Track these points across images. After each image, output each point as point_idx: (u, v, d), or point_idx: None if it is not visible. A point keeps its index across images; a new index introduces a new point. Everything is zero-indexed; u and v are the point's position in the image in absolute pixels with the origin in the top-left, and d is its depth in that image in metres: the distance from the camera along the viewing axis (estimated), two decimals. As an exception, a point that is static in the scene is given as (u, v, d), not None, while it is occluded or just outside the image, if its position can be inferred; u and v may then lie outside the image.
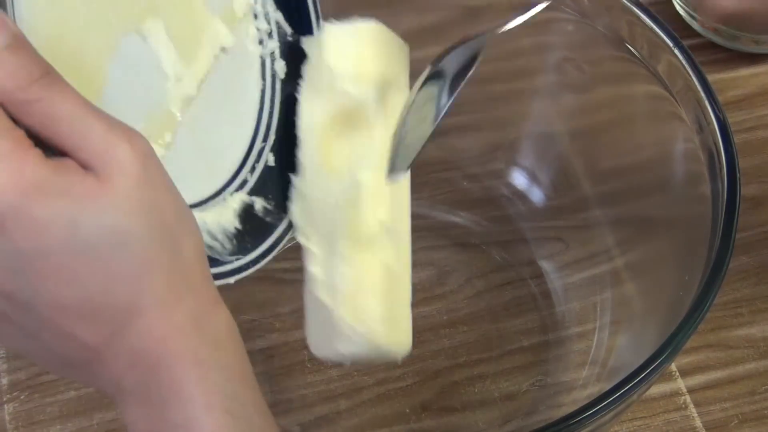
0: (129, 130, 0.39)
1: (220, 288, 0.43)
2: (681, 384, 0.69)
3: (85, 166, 0.38)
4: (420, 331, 0.65)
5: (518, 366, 0.67)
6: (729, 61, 0.84)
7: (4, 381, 0.69)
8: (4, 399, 0.69)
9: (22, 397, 0.69)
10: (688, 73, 0.57)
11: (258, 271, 0.53)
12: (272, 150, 0.56)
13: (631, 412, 0.65)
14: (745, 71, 0.84)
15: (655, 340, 0.50)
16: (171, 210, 0.40)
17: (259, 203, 0.55)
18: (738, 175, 0.54)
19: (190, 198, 0.45)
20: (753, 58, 0.84)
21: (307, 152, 0.56)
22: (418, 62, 0.69)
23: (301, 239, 0.55)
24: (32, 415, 0.68)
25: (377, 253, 0.53)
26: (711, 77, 0.58)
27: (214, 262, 0.50)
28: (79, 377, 0.45)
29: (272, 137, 0.56)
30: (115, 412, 0.68)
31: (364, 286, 0.53)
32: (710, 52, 0.84)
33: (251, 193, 0.54)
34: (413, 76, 0.70)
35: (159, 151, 0.47)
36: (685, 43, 0.58)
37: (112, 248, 0.38)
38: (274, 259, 0.55)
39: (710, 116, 0.56)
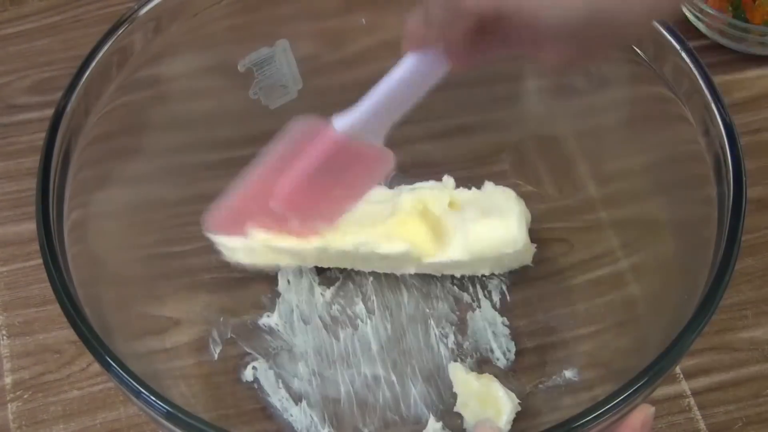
0: None
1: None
2: (685, 386, 0.69)
3: None
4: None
5: (523, 367, 0.67)
6: (735, 63, 0.84)
7: (8, 380, 0.69)
8: (8, 398, 0.69)
9: (25, 397, 0.69)
10: (694, 75, 0.57)
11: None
12: None
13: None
14: (751, 73, 0.83)
15: (660, 342, 0.50)
16: None
17: None
18: (744, 177, 0.54)
19: None
20: (759, 60, 0.84)
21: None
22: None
23: None
24: (35, 414, 0.68)
25: None
26: (717, 79, 0.57)
27: None
28: None
29: None
30: (118, 412, 0.68)
31: None
32: (716, 53, 0.84)
33: None
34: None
35: None
36: (692, 44, 0.58)
37: None
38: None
39: (716, 118, 0.56)
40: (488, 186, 0.70)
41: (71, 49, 0.84)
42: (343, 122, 0.54)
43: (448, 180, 0.71)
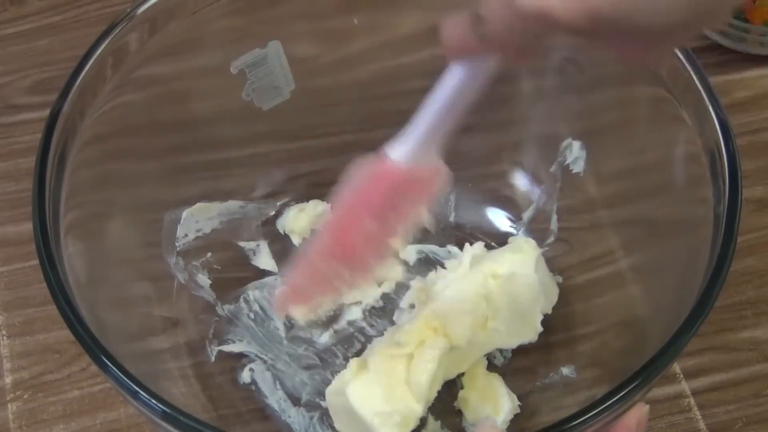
0: None
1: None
2: (685, 386, 0.69)
3: None
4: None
5: (521, 367, 0.67)
6: (735, 63, 0.83)
7: (8, 380, 0.70)
8: (8, 398, 0.69)
9: (25, 397, 0.69)
10: (690, 75, 0.57)
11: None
12: None
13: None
14: (751, 73, 0.83)
15: (659, 342, 0.50)
16: None
17: None
18: (740, 177, 0.54)
19: None
20: (759, 60, 0.84)
21: None
22: (422, 62, 0.70)
23: None
24: (35, 414, 0.68)
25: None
26: (717, 79, 0.57)
27: None
28: None
29: None
30: (118, 412, 0.68)
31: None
32: (716, 53, 0.84)
33: None
34: (422, 76, 0.70)
35: None
36: (691, 44, 0.58)
37: None
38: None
39: (712, 118, 0.56)
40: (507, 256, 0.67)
41: (71, 49, 0.84)
42: (399, 152, 0.51)
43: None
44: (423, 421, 0.64)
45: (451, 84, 0.48)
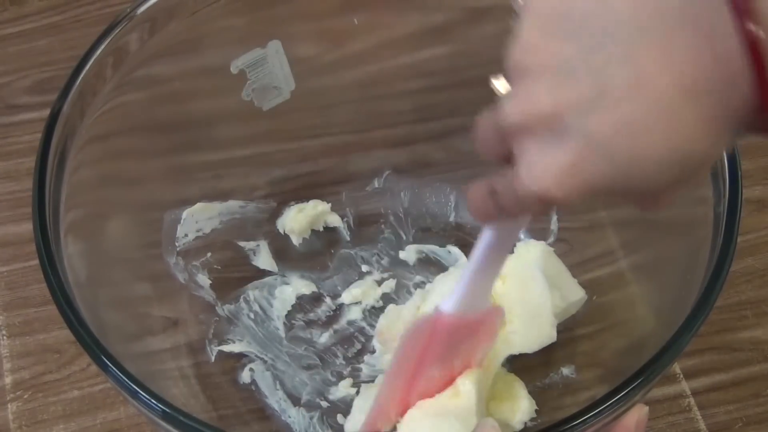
0: None
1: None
2: (685, 386, 0.69)
3: None
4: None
5: (522, 368, 0.67)
6: (735, 63, 0.83)
7: (8, 380, 0.70)
8: (8, 398, 0.69)
9: (25, 397, 0.69)
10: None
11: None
12: None
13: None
14: (751, 73, 0.83)
15: (658, 342, 0.50)
16: None
17: None
18: (740, 177, 0.54)
19: None
20: (760, 60, 0.84)
21: None
22: (423, 62, 0.70)
23: None
24: (35, 414, 0.68)
25: None
26: (717, 79, 0.57)
27: None
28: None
29: None
30: (118, 412, 0.68)
31: None
32: (716, 53, 0.83)
33: None
34: (422, 76, 0.70)
35: None
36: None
37: None
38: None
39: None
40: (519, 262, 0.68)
41: (71, 49, 0.84)
42: (449, 304, 0.55)
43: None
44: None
45: (488, 241, 0.51)
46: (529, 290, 0.65)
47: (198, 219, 0.70)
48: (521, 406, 0.64)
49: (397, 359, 0.57)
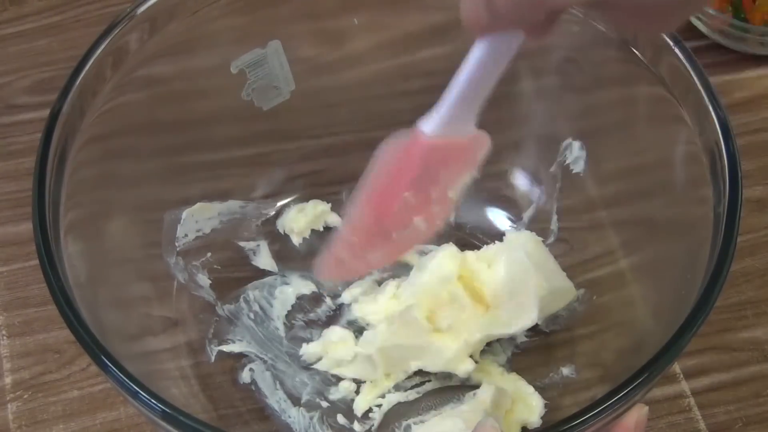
0: None
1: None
2: (685, 386, 0.69)
3: None
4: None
5: (521, 367, 0.67)
6: (735, 63, 0.84)
7: (8, 380, 0.70)
8: (8, 398, 0.69)
9: (25, 397, 0.69)
10: (690, 75, 0.57)
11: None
12: None
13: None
14: (751, 73, 0.83)
15: (658, 342, 0.50)
16: None
17: None
18: (740, 177, 0.54)
19: None
20: (759, 60, 0.84)
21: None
22: (423, 62, 0.70)
23: None
24: (35, 414, 0.68)
25: None
26: (717, 79, 0.57)
27: None
28: None
29: None
30: (118, 412, 0.68)
31: None
32: (716, 53, 0.84)
33: None
34: (422, 76, 0.70)
35: None
36: (691, 44, 0.58)
37: None
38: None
39: (712, 118, 0.56)
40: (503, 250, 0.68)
41: (71, 49, 0.84)
42: (430, 124, 0.51)
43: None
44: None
45: (478, 56, 0.47)
46: (512, 271, 0.65)
47: (198, 219, 0.70)
48: (534, 402, 0.64)
49: (367, 181, 0.53)
